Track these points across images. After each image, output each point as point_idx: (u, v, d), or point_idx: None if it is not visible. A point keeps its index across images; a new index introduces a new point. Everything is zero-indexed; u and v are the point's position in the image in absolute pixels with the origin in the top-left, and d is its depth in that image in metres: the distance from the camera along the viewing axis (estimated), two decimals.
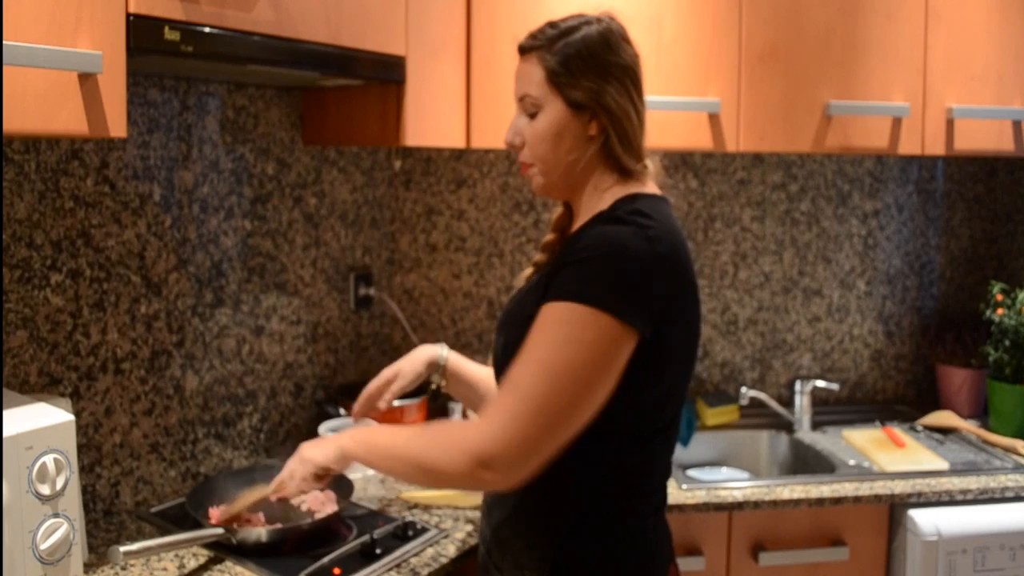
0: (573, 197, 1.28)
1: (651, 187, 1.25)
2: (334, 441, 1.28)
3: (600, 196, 1.22)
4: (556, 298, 1.09)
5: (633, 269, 1.09)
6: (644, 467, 1.22)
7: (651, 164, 1.27)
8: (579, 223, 1.25)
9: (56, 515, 1.16)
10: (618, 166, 1.22)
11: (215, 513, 1.53)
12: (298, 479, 1.32)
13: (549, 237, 1.38)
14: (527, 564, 1.22)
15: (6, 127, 1.03)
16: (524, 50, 1.24)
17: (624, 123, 1.21)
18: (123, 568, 1.41)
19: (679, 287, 1.14)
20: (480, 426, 1.07)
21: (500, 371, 1.20)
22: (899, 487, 1.84)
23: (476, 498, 1.64)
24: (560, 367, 1.06)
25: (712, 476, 2.20)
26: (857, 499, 1.81)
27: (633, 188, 1.22)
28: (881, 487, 1.84)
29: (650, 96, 1.27)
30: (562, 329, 1.07)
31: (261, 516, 1.56)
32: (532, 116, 1.23)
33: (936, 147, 2.09)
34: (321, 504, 1.59)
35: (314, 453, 1.30)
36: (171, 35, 1.21)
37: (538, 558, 1.21)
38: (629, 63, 1.22)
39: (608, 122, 1.20)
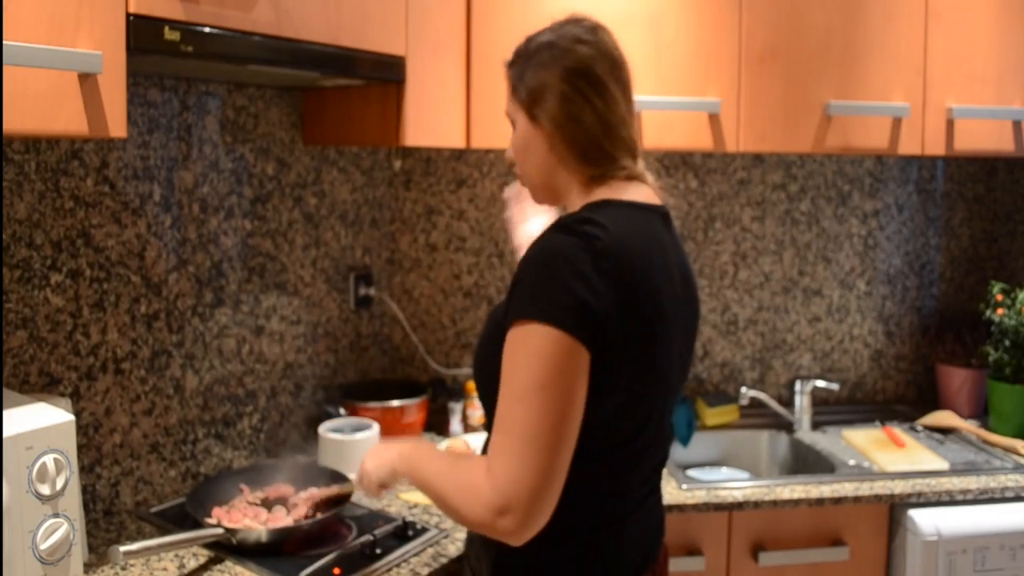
0: (564, 205, 1.27)
1: (633, 194, 1.19)
2: (389, 459, 1.29)
3: (574, 203, 1.21)
4: (512, 317, 1.07)
5: (571, 280, 1.04)
6: (596, 484, 1.17)
7: (635, 168, 1.21)
8: None
9: (56, 515, 1.16)
10: (580, 173, 1.20)
11: (291, 498, 1.60)
12: (371, 491, 1.34)
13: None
14: (484, 569, 1.23)
15: (6, 127, 1.03)
16: (507, 65, 1.27)
17: (571, 128, 1.17)
18: (123, 568, 1.41)
19: (627, 301, 1.07)
20: (490, 476, 1.05)
21: (477, 377, 1.23)
22: (899, 487, 1.84)
23: None
24: (531, 388, 1.03)
25: (712, 476, 2.20)
26: (857, 499, 1.81)
27: (603, 194, 1.18)
28: (881, 487, 1.84)
29: (650, 96, 1.27)
30: (523, 349, 1.05)
31: (262, 514, 1.57)
32: (514, 127, 1.26)
33: (936, 147, 2.09)
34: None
35: (371, 468, 1.32)
36: (171, 35, 1.21)
37: (486, 563, 1.22)
38: (582, 64, 1.16)
39: (551, 129, 1.18)
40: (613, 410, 1.12)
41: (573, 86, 1.16)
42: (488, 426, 1.21)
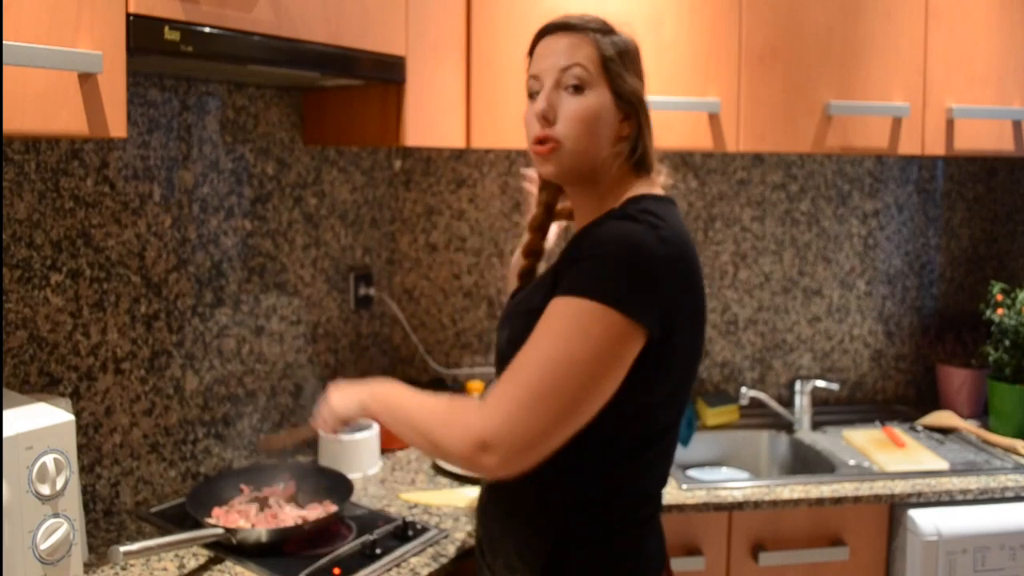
0: (579, 189, 1.25)
1: (659, 189, 1.25)
2: (357, 394, 1.28)
3: (613, 195, 1.21)
4: (566, 293, 1.09)
5: (645, 267, 1.08)
6: (639, 475, 1.21)
7: (663, 168, 1.28)
8: (585, 219, 1.24)
9: (56, 515, 1.16)
10: (638, 168, 1.23)
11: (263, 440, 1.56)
12: (328, 426, 1.32)
13: (528, 238, 1.39)
14: (519, 567, 1.22)
15: (6, 127, 1.03)
16: (570, 27, 1.20)
17: (649, 131, 1.23)
18: (123, 568, 1.41)
19: (687, 289, 1.14)
20: (483, 410, 1.07)
21: (503, 365, 1.18)
22: (899, 487, 1.84)
23: (476, 499, 1.64)
24: (564, 360, 1.05)
25: (712, 476, 2.20)
26: (857, 499, 1.81)
27: (647, 189, 1.23)
28: (881, 487, 1.84)
29: (650, 96, 1.27)
30: (569, 322, 1.07)
31: (252, 513, 1.57)
32: (576, 90, 1.17)
33: (936, 147, 2.09)
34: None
35: (338, 404, 1.30)
36: (171, 35, 1.21)
37: (528, 564, 1.21)
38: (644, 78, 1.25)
39: (643, 123, 1.22)
40: (661, 399, 1.16)
41: (645, 95, 1.24)
42: None
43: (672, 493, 1.78)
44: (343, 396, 1.30)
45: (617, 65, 1.19)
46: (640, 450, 1.19)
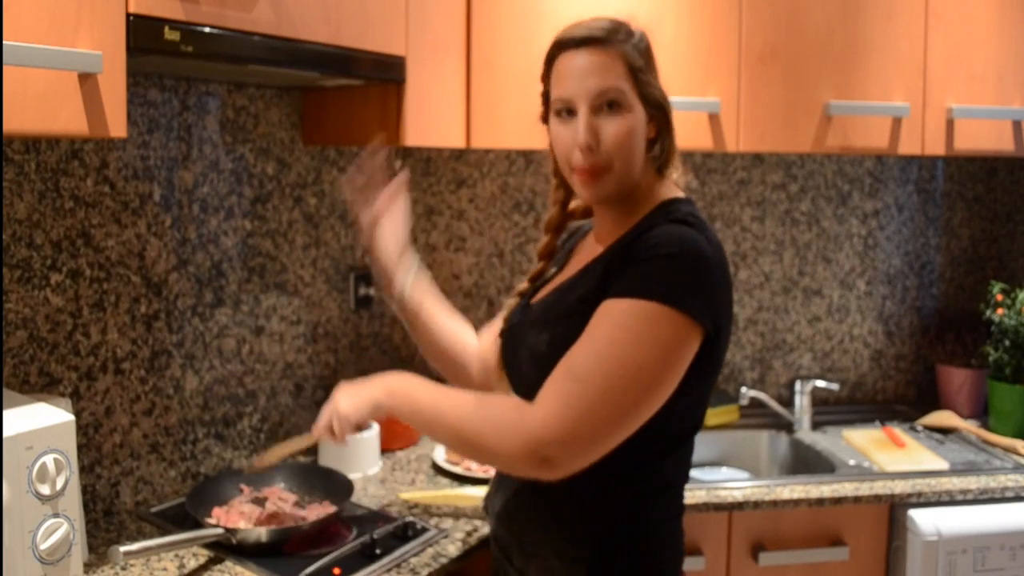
0: (617, 201, 1.22)
1: (680, 191, 1.25)
2: (369, 393, 1.24)
3: (644, 199, 1.21)
4: (626, 294, 1.08)
5: (704, 269, 1.09)
6: (674, 471, 1.22)
7: (678, 164, 1.27)
8: (613, 223, 1.22)
9: (56, 515, 1.16)
10: (662, 170, 1.22)
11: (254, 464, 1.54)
12: (338, 436, 1.28)
13: (545, 241, 1.36)
14: (558, 569, 1.20)
15: (6, 127, 1.03)
16: (595, 41, 1.15)
17: (672, 126, 1.22)
18: (123, 568, 1.41)
19: (729, 291, 1.16)
20: (541, 413, 1.05)
21: (545, 368, 1.13)
22: (899, 487, 1.84)
23: (477, 499, 1.64)
24: (631, 364, 1.05)
25: (712, 476, 2.20)
26: (857, 499, 1.81)
27: (675, 193, 1.23)
28: (881, 487, 1.84)
29: None
30: (635, 325, 1.06)
31: (248, 511, 1.57)
32: (612, 108, 1.15)
33: (936, 147, 2.09)
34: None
35: (348, 409, 1.25)
36: (171, 35, 1.21)
37: (570, 565, 1.19)
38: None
39: (670, 125, 1.21)
40: (699, 397, 1.18)
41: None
42: None
43: None
44: (353, 399, 1.26)
45: (645, 73, 1.17)
46: (676, 447, 1.20)
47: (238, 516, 1.55)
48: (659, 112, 1.19)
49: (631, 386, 1.05)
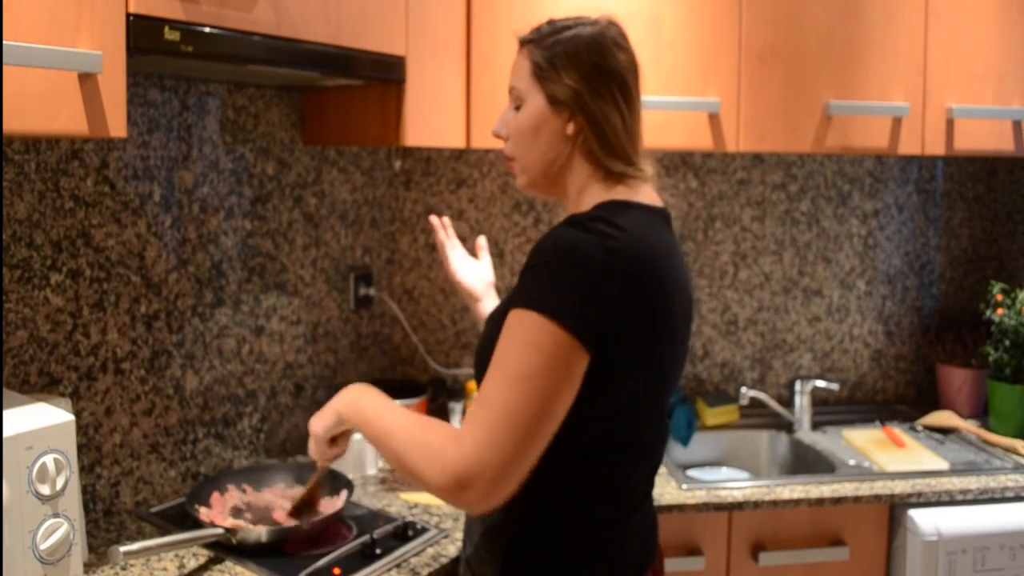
0: (559, 197, 1.28)
1: (644, 196, 1.21)
2: (331, 406, 1.29)
3: (581, 199, 1.21)
4: (513, 304, 1.08)
5: (582, 278, 1.05)
6: (600, 481, 1.18)
7: (648, 171, 1.23)
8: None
9: (56, 515, 1.16)
10: (601, 169, 1.20)
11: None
12: (320, 455, 1.34)
13: None
14: (486, 560, 1.23)
15: (6, 127, 1.03)
16: (520, 43, 1.26)
17: (604, 127, 1.19)
18: (123, 568, 1.41)
19: (639, 303, 1.08)
20: (458, 443, 1.04)
21: (479, 370, 1.17)
22: (899, 487, 1.84)
23: None
24: (520, 374, 1.04)
25: (712, 476, 2.20)
26: (857, 499, 1.81)
27: (619, 195, 1.19)
28: (881, 487, 1.84)
29: (650, 96, 1.27)
30: (519, 335, 1.05)
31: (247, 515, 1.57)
32: (517, 108, 1.24)
33: (936, 147, 2.09)
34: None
35: (316, 427, 1.31)
36: (171, 35, 1.21)
37: (489, 559, 1.21)
38: (618, 69, 1.20)
39: (585, 123, 1.19)
40: (616, 409, 1.13)
41: (607, 88, 1.19)
42: None
43: (672, 493, 1.78)
44: (319, 416, 1.31)
45: (547, 71, 1.20)
46: (595, 458, 1.16)
47: (221, 509, 1.56)
48: (565, 107, 1.19)
49: (522, 398, 1.03)
